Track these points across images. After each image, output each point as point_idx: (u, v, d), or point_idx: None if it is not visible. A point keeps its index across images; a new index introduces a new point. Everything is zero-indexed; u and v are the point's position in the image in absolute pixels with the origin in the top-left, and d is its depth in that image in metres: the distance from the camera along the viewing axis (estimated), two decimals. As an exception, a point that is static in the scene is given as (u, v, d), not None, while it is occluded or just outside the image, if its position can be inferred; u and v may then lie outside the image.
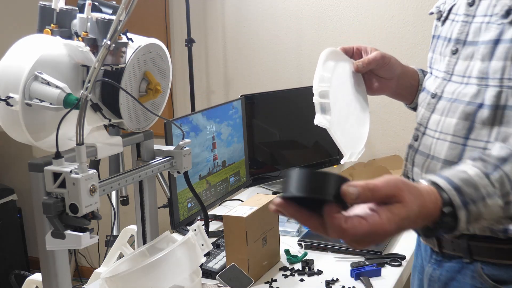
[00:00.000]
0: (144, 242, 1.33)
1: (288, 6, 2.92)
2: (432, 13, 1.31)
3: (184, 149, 1.30)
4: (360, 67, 1.31)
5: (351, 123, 1.31)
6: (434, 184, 0.88)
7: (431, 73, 1.29)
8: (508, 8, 1.09)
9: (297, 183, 0.77)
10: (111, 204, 2.46)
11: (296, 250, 1.97)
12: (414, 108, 1.43)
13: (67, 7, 1.18)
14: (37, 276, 1.46)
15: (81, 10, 1.17)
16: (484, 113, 1.10)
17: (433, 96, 1.23)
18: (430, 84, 1.27)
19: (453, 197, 0.86)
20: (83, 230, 1.02)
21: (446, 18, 1.25)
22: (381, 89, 1.36)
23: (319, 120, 1.22)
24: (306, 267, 1.84)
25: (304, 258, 1.89)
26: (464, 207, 0.87)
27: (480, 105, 1.11)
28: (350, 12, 2.80)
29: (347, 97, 1.31)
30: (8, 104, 1.05)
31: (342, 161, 1.26)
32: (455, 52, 1.19)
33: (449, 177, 0.88)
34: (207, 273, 1.76)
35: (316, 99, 1.22)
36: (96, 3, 1.20)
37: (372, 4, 2.74)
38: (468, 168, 0.90)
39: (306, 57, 2.94)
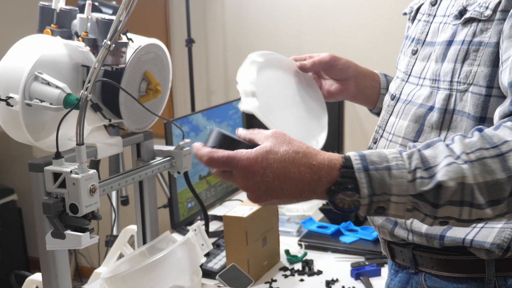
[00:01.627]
0: (144, 242, 1.33)
1: (288, 6, 2.92)
2: (405, 14, 1.29)
3: (184, 149, 1.30)
4: (307, 64, 1.31)
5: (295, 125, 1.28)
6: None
7: (397, 74, 1.27)
8: (462, 8, 1.07)
9: (213, 139, 0.93)
10: (111, 204, 2.46)
11: (296, 250, 1.97)
12: (378, 114, 1.40)
13: (67, 7, 1.18)
14: (37, 276, 1.46)
15: (81, 10, 1.17)
16: (434, 116, 1.08)
17: (392, 97, 1.21)
18: (391, 85, 1.25)
19: (354, 159, 0.84)
20: (83, 230, 1.02)
21: (414, 17, 1.24)
22: (340, 91, 1.35)
23: (245, 105, 1.18)
24: (306, 267, 1.84)
25: (304, 258, 1.89)
26: (364, 171, 0.83)
27: (431, 108, 1.09)
28: (350, 12, 2.80)
29: (289, 106, 1.29)
30: (8, 104, 1.05)
31: None
32: (414, 52, 1.18)
33: (359, 152, 0.87)
34: (207, 273, 1.76)
35: (241, 89, 1.20)
36: (96, 3, 1.20)
37: (372, 4, 2.74)
38: (386, 150, 0.89)
39: (306, 57, 2.94)
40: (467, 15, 1.06)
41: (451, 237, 1.09)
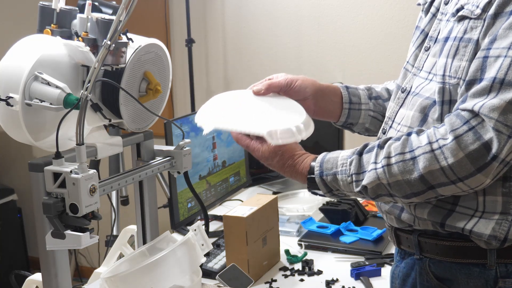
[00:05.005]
0: (144, 242, 1.33)
1: (288, 6, 2.92)
2: (419, 4, 1.32)
3: (184, 149, 1.30)
4: (262, 89, 1.32)
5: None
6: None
7: (405, 66, 1.30)
8: (460, 7, 1.13)
9: None
10: (111, 204, 2.46)
11: (296, 250, 1.97)
12: (343, 126, 1.44)
13: (67, 7, 1.18)
14: (37, 276, 1.46)
15: (81, 10, 1.17)
16: (436, 110, 1.14)
17: (403, 90, 1.25)
18: (400, 77, 1.29)
19: (316, 166, 1.17)
20: (83, 230, 1.02)
21: (428, 10, 1.27)
22: None
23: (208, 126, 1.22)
24: (306, 267, 1.84)
25: (304, 258, 1.89)
26: (320, 177, 1.17)
27: (435, 101, 1.14)
28: (351, 12, 2.80)
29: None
30: (8, 104, 1.05)
31: None
32: (427, 48, 1.22)
33: (327, 154, 1.18)
34: (207, 273, 1.76)
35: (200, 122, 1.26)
36: (96, 3, 1.20)
37: (372, 4, 2.74)
38: (345, 151, 1.18)
39: (306, 57, 2.94)
40: (460, 13, 1.12)
41: (450, 225, 1.13)
